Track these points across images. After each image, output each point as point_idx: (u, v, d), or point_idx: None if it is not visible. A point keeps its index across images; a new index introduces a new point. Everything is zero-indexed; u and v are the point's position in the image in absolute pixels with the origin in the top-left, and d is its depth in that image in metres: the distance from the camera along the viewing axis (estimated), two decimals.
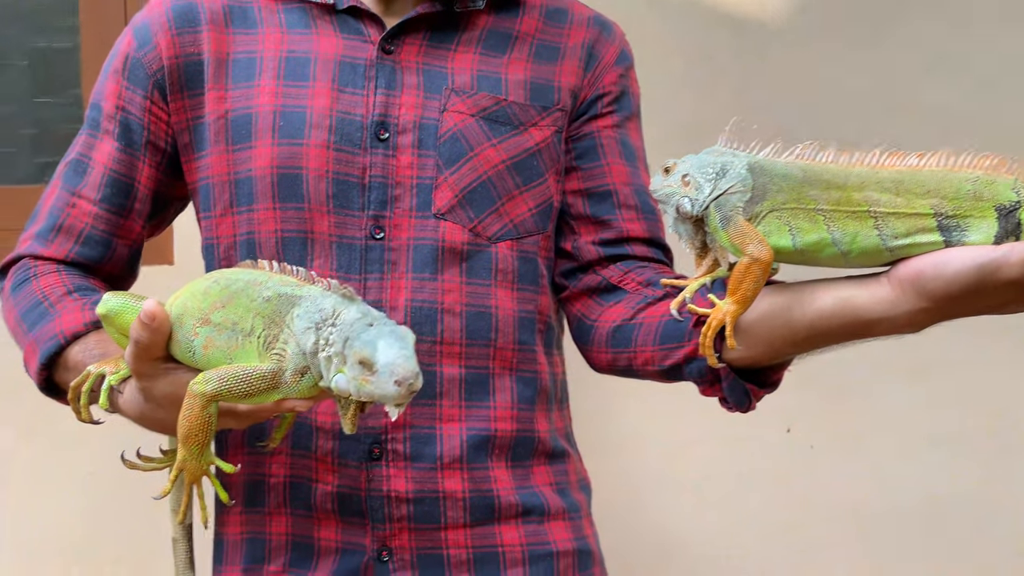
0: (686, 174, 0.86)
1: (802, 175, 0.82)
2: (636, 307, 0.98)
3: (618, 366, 1.00)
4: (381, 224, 0.97)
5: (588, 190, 1.04)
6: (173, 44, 1.01)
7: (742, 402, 0.90)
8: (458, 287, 0.98)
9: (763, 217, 0.83)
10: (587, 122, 1.04)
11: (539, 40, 1.04)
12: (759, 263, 0.81)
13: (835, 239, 0.81)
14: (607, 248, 1.03)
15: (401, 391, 0.73)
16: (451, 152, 0.98)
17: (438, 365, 0.97)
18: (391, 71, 0.99)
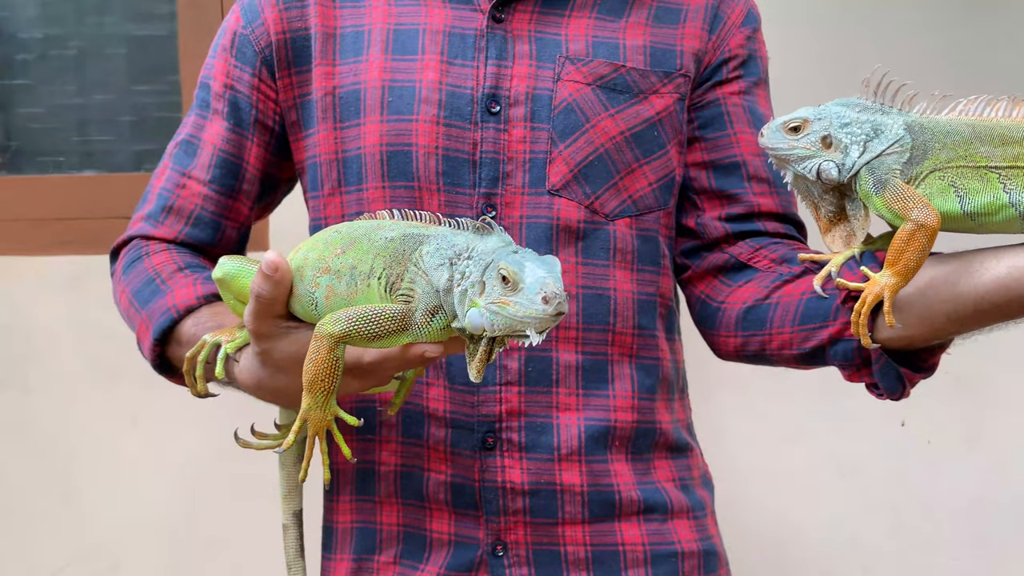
0: (826, 134, 0.78)
1: (970, 131, 0.76)
2: (771, 286, 0.92)
3: (748, 351, 0.93)
4: (493, 202, 0.93)
5: (714, 162, 0.97)
6: (280, 19, 0.98)
7: (895, 388, 0.83)
8: (574, 268, 0.93)
9: (923, 178, 0.77)
10: (711, 88, 0.98)
11: (659, 2, 0.98)
12: (925, 229, 0.74)
13: (1013, 199, 0.74)
14: (735, 224, 0.96)
15: (548, 310, 0.68)
16: (566, 124, 0.93)
17: (554, 351, 0.92)
18: (502, 40, 0.94)
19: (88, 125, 1.94)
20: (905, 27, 1.73)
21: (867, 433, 1.76)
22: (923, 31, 1.72)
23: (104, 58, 1.93)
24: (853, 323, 0.78)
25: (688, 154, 0.98)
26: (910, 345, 0.80)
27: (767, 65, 1.02)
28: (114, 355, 1.64)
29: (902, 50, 1.70)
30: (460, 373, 0.91)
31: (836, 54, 1.69)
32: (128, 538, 1.81)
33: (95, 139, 1.94)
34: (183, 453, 1.79)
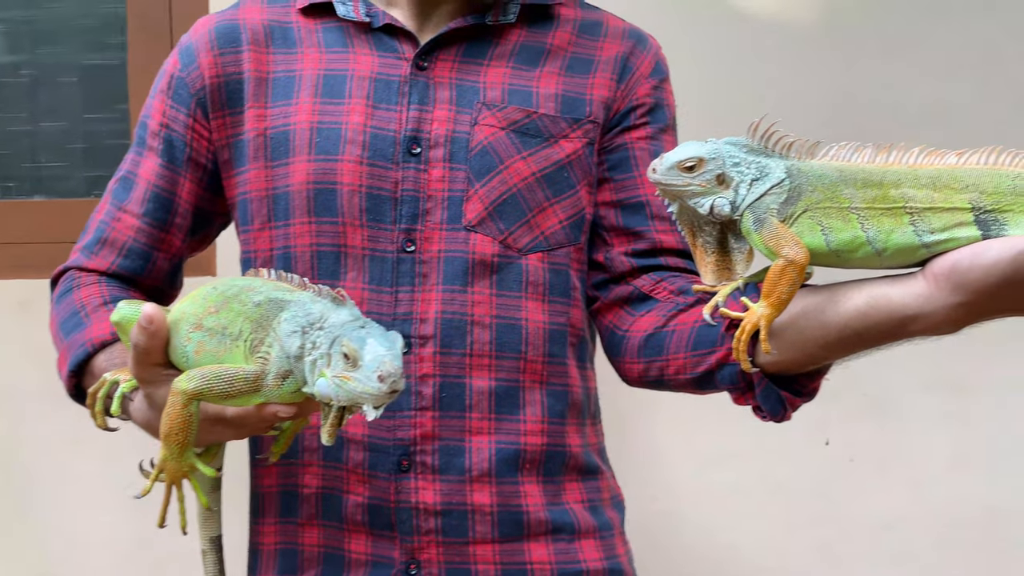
0: (721, 173, 0.84)
1: (838, 175, 0.81)
2: (668, 315, 0.97)
3: (650, 377, 0.99)
4: (412, 237, 0.99)
5: (621, 201, 1.04)
6: (215, 64, 1.04)
7: (776, 410, 0.88)
8: (488, 299, 0.99)
9: (797, 218, 0.82)
10: (620, 134, 1.04)
11: (572, 53, 1.04)
12: (794, 265, 0.79)
13: (869, 237, 0.80)
14: (640, 259, 1.03)
15: (383, 388, 0.72)
16: (481, 165, 0.99)
17: (468, 377, 0.98)
18: (424, 87, 1.01)
19: (39, 151, 1.98)
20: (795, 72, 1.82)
21: (793, 452, 1.82)
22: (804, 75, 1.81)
23: (56, 86, 1.97)
24: (734, 349, 0.84)
25: (598, 194, 1.04)
26: (788, 370, 0.86)
27: (674, 113, 1.09)
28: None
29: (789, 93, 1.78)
30: None
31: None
32: (81, 557, 1.83)
33: (46, 165, 1.98)
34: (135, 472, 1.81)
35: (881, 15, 1.83)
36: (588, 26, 1.07)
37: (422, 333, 0.98)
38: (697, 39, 1.79)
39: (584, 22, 1.07)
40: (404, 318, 0.98)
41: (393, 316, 0.98)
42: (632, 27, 1.09)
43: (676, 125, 1.09)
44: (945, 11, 1.82)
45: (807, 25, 1.84)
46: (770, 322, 0.82)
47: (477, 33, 1.03)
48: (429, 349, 0.98)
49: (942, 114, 1.77)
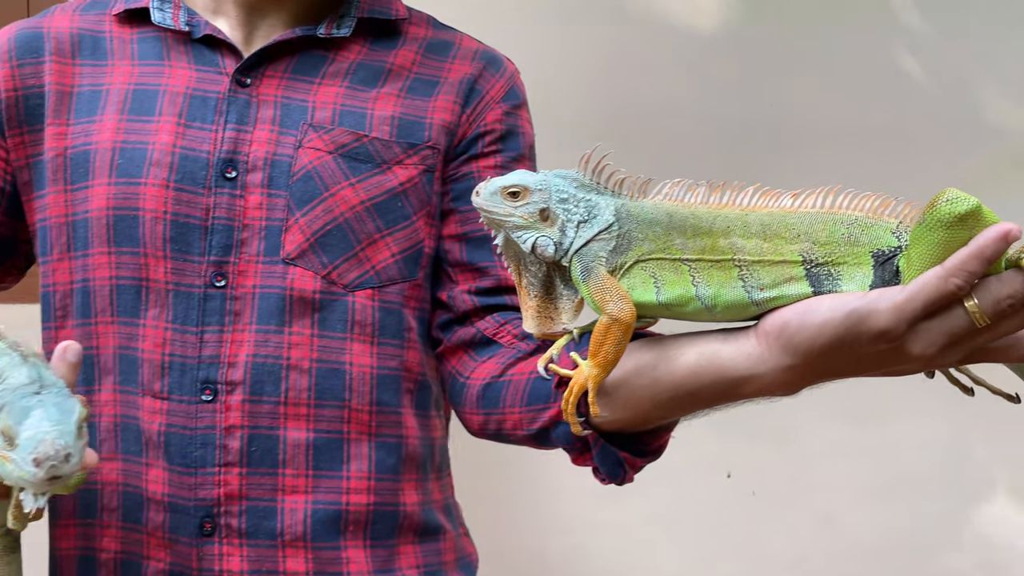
0: (545, 207, 0.75)
1: (668, 220, 0.74)
2: (506, 363, 0.89)
3: (490, 430, 0.90)
4: (223, 271, 0.89)
5: (466, 235, 0.95)
6: (12, 76, 0.94)
7: (616, 473, 0.80)
8: (308, 341, 0.89)
9: (628, 269, 0.74)
10: (467, 162, 0.96)
11: (416, 74, 0.96)
12: (619, 323, 0.72)
13: (699, 293, 0.72)
14: (484, 297, 0.94)
15: (39, 474, 0.62)
16: (304, 192, 0.90)
17: (282, 429, 0.88)
18: (245, 104, 0.91)
19: None
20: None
21: (694, 485, 1.75)
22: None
23: None
24: (563, 410, 0.76)
25: (444, 227, 0.96)
26: (625, 429, 0.78)
27: (531, 142, 1.00)
28: None
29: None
30: (178, 452, 0.87)
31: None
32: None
33: None
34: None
35: (791, 28, 1.77)
36: (437, 46, 0.98)
37: (230, 379, 0.88)
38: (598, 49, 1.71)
39: (433, 41, 0.98)
40: (210, 361, 0.88)
41: (198, 359, 0.88)
42: (487, 49, 1.00)
43: (534, 156, 1.01)
44: (854, 27, 1.76)
45: (712, 36, 1.77)
46: (598, 383, 0.74)
47: (311, 48, 0.94)
48: (237, 397, 0.88)
49: (854, 132, 1.71)
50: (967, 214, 0.64)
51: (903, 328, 0.65)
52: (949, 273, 0.63)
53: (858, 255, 0.70)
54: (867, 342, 0.66)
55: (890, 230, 0.70)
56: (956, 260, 0.63)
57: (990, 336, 0.65)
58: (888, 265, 0.70)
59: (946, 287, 0.63)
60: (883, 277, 0.70)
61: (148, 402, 0.88)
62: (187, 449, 0.87)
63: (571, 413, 0.75)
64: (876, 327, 0.65)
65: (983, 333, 0.65)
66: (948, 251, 0.65)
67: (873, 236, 0.70)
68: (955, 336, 0.65)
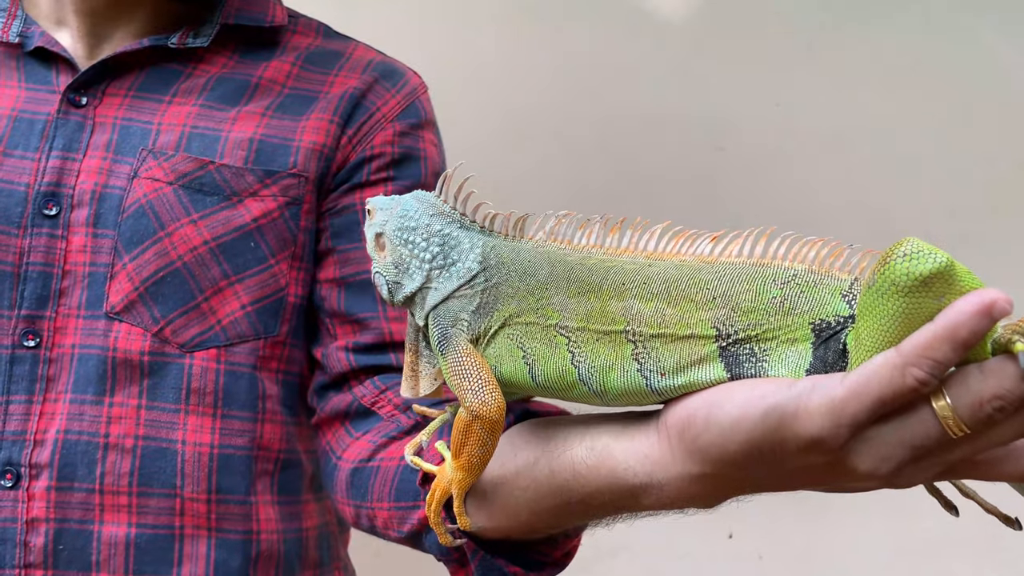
0: (381, 233, 0.59)
1: (548, 270, 0.56)
2: (378, 442, 0.73)
3: (363, 525, 0.72)
4: (37, 327, 0.73)
5: (345, 279, 0.79)
6: None
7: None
8: (133, 413, 0.73)
9: (493, 335, 0.56)
10: (348, 192, 0.80)
11: (289, 88, 0.80)
12: (480, 421, 0.54)
13: (582, 374, 0.54)
14: (363, 356, 0.77)
15: None
16: (135, 231, 0.74)
17: (96, 522, 0.72)
18: (76, 128, 0.76)
19: None
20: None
21: (691, 547, 1.54)
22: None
23: None
24: (429, 517, 0.59)
25: (321, 270, 0.79)
26: (512, 537, 0.61)
27: (437, 168, 0.82)
28: None
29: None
30: None
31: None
32: None
33: None
34: None
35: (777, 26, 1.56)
36: (321, 56, 0.82)
37: (35, 460, 0.72)
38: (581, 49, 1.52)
39: (318, 52, 0.82)
40: (15, 438, 0.72)
41: (1, 436, 0.72)
42: (386, 60, 0.84)
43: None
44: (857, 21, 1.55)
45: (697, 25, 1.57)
46: (464, 488, 0.57)
47: (165, 61, 0.79)
48: (43, 483, 0.72)
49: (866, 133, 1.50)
50: (932, 276, 0.44)
51: (843, 436, 0.46)
52: (907, 361, 0.43)
53: (793, 328, 0.51)
54: (794, 452, 0.47)
55: (840, 292, 0.51)
56: (917, 343, 0.43)
57: (971, 449, 0.45)
58: (833, 342, 0.50)
59: (903, 381, 0.44)
60: (825, 359, 0.50)
61: None
62: None
63: (436, 522, 0.59)
64: (804, 433, 0.46)
65: (960, 445, 0.45)
66: (908, 327, 0.45)
67: (815, 301, 0.51)
68: (920, 449, 0.45)
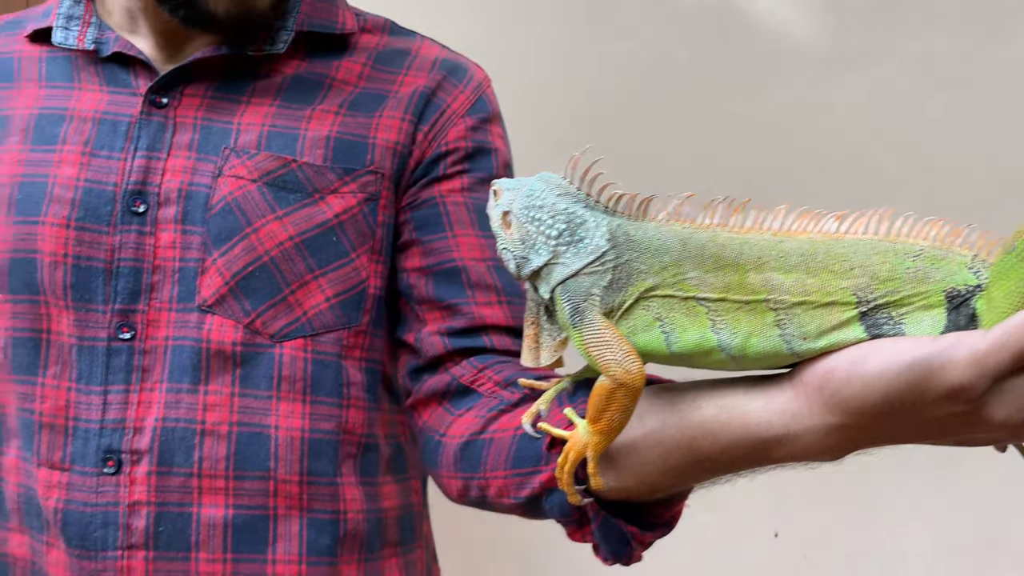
0: (507, 212, 0.63)
1: (680, 248, 0.60)
2: (487, 416, 0.74)
3: (472, 497, 0.75)
4: (131, 320, 0.77)
5: (431, 268, 0.82)
6: None
7: (619, 551, 0.67)
8: (227, 401, 0.77)
9: (627, 309, 0.61)
10: (428, 186, 0.83)
11: (361, 88, 0.83)
12: (625, 389, 0.58)
13: (722, 341, 0.59)
14: (456, 339, 0.80)
15: None
16: (223, 227, 0.78)
17: (195, 505, 0.75)
18: (159, 128, 0.80)
19: None
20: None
21: (735, 545, 1.56)
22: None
23: None
24: (558, 478, 0.63)
25: (407, 259, 0.83)
26: (631, 499, 0.65)
27: (506, 160, 0.86)
28: None
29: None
30: (77, 533, 0.75)
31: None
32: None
33: None
34: None
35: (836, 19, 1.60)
36: (390, 56, 0.85)
37: (135, 447, 0.76)
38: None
39: (387, 51, 0.86)
40: (114, 426, 0.76)
41: (101, 424, 0.76)
42: (451, 56, 0.87)
43: (512, 174, 0.86)
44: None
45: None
46: (599, 451, 0.61)
47: (239, 64, 0.82)
48: (144, 468, 0.75)
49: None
50: None
51: (984, 386, 0.52)
52: None
53: (928, 295, 0.57)
54: (935, 401, 0.53)
55: (965, 264, 0.57)
56: None
57: None
58: (963, 308, 0.56)
59: None
60: (957, 323, 0.56)
61: (44, 474, 0.77)
62: (87, 529, 0.75)
63: (568, 482, 0.62)
64: (949, 382, 0.52)
65: None
66: None
67: (946, 271, 0.57)
68: None
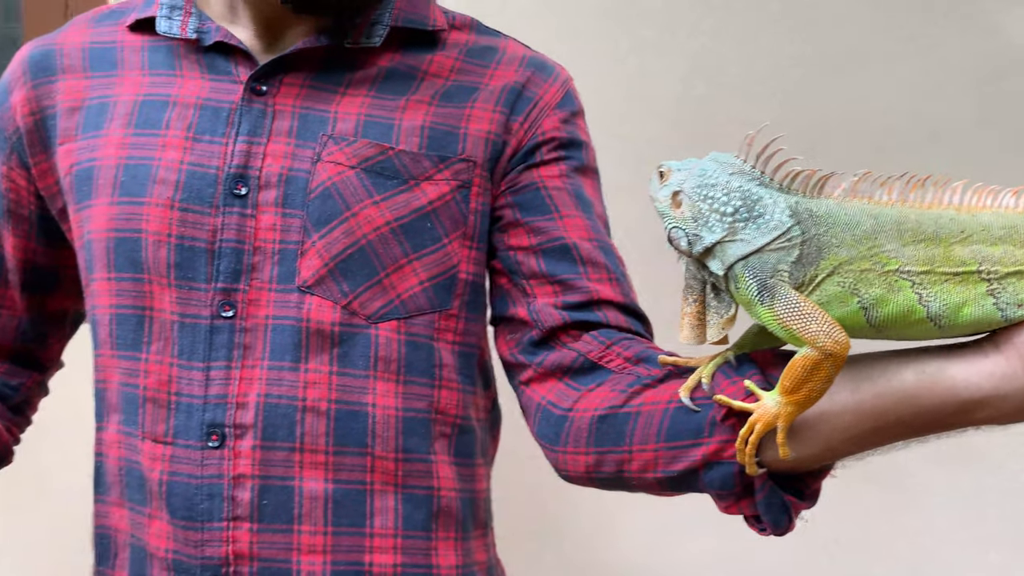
0: (679, 191, 0.66)
1: (872, 223, 0.64)
2: (629, 390, 0.75)
3: (603, 472, 0.76)
4: (232, 299, 0.80)
5: (540, 246, 0.83)
6: (30, 100, 0.88)
7: (780, 521, 0.69)
8: (326, 379, 0.79)
9: (819, 283, 0.64)
10: (526, 171, 0.85)
11: (453, 81, 0.86)
12: (833, 359, 0.62)
13: (932, 312, 0.64)
14: (574, 313, 0.81)
15: None
16: (322, 211, 0.80)
17: (297, 479, 0.78)
18: (259, 115, 0.83)
19: None
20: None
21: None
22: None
23: None
24: (739, 451, 0.66)
25: (511, 238, 0.85)
26: (797, 468, 0.68)
27: (594, 156, 0.90)
28: None
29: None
30: (182, 504, 0.78)
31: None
32: None
33: None
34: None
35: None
36: (480, 50, 0.88)
37: (239, 421, 0.78)
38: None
39: (476, 46, 0.88)
40: (217, 401, 0.79)
41: (204, 399, 0.79)
42: (536, 55, 0.90)
43: (598, 172, 0.90)
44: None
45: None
46: (790, 421, 0.64)
47: (335, 56, 0.85)
48: (248, 442, 0.78)
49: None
50: None
51: None
52: None
53: None
54: None
55: None
56: None
57: None
58: None
59: None
60: None
61: (149, 447, 0.80)
62: (192, 501, 0.78)
63: (750, 454, 0.66)
64: None
65: None
66: None
67: None
68: None
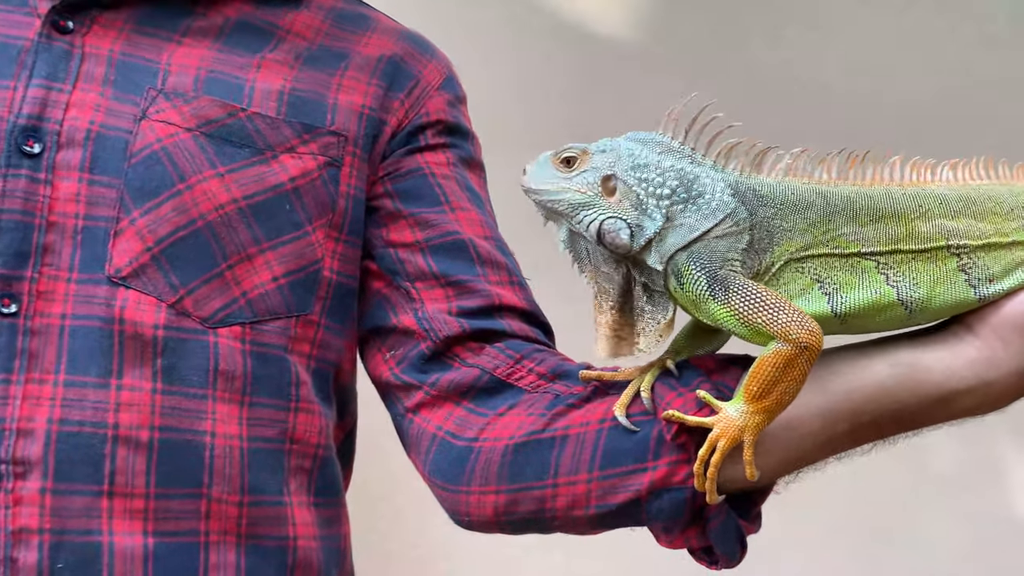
0: (610, 175, 0.59)
1: (823, 203, 0.60)
2: (549, 412, 0.65)
3: (516, 513, 0.64)
4: (15, 290, 0.63)
5: (429, 241, 0.72)
6: None
7: (734, 552, 0.61)
8: (147, 399, 0.63)
9: (776, 272, 0.59)
10: (409, 155, 0.74)
11: (319, 43, 0.74)
12: (808, 352, 0.56)
13: (902, 294, 0.60)
14: (473, 320, 0.70)
15: None
16: (146, 180, 0.65)
17: (105, 532, 0.61)
18: (62, 56, 0.68)
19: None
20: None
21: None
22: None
23: None
24: (698, 476, 0.58)
25: (392, 232, 0.73)
26: (749, 486, 0.60)
27: (480, 149, 0.79)
28: None
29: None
30: None
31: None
32: None
33: None
34: None
35: None
36: (351, 17, 0.77)
37: (21, 455, 0.61)
38: None
39: (345, 12, 0.77)
40: None
41: None
42: (413, 31, 0.79)
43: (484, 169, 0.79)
44: None
45: None
46: (757, 433, 0.57)
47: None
48: (34, 483, 0.61)
49: None
50: None
51: None
52: None
53: None
54: None
55: None
56: None
57: None
58: None
59: None
60: None
61: None
62: None
63: (712, 478, 0.57)
64: None
65: None
66: None
67: None
68: None
